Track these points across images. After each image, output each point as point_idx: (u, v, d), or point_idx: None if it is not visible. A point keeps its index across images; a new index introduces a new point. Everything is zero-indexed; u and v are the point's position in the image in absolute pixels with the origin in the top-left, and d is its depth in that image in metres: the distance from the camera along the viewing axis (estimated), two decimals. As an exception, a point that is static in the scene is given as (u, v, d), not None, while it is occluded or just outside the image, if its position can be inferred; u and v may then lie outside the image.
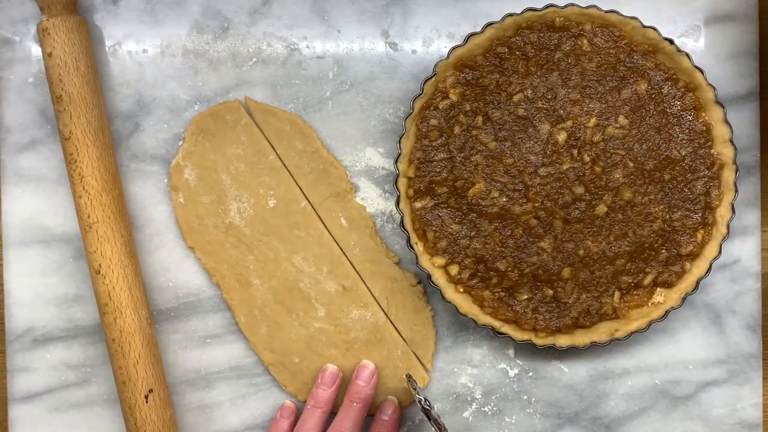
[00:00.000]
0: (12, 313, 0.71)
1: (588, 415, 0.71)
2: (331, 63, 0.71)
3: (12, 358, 0.71)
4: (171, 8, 0.70)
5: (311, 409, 0.68)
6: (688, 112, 0.67)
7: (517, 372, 0.71)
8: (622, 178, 0.67)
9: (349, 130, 0.71)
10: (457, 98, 0.67)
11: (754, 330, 0.71)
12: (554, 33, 0.67)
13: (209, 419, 0.71)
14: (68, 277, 0.71)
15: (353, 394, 0.68)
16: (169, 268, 0.71)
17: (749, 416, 0.71)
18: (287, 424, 0.69)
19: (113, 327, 0.66)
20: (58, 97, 0.66)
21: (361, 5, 0.71)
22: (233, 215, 0.70)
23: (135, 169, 0.71)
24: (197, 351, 0.71)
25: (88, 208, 0.66)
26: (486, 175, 0.67)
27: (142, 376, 0.66)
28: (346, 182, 0.70)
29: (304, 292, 0.70)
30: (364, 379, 0.68)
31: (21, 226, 0.71)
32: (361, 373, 0.69)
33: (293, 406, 0.70)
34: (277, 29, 0.71)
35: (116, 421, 0.71)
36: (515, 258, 0.67)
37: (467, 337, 0.71)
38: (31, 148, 0.71)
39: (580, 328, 0.68)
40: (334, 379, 0.69)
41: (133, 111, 0.71)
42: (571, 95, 0.67)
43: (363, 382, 0.68)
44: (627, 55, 0.67)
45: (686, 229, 0.67)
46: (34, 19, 0.70)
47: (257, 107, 0.70)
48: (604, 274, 0.67)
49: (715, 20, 0.71)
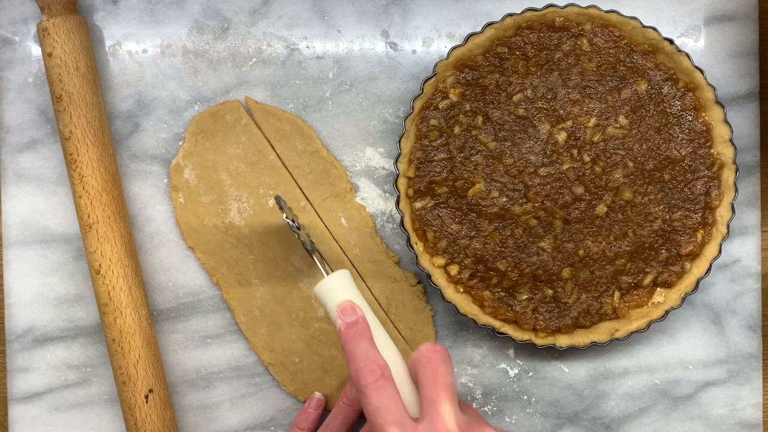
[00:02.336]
0: (12, 313, 0.71)
1: (588, 415, 0.71)
2: (331, 63, 0.71)
3: (12, 358, 0.71)
4: (171, 8, 0.70)
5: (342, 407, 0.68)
6: (688, 112, 0.67)
7: (517, 372, 0.71)
8: (622, 178, 0.67)
9: (349, 130, 0.71)
10: (457, 98, 0.67)
11: (754, 330, 0.71)
12: (554, 33, 0.67)
13: (209, 419, 0.71)
14: (68, 277, 0.71)
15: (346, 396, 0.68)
16: (169, 268, 0.71)
17: (749, 416, 0.71)
18: (315, 415, 0.69)
19: (113, 327, 0.66)
20: (58, 97, 0.66)
21: (361, 5, 0.71)
22: (233, 215, 0.70)
23: (135, 169, 0.71)
24: (197, 351, 0.71)
25: (88, 208, 0.66)
26: (486, 175, 0.67)
27: (142, 376, 0.66)
28: (346, 182, 0.70)
29: (304, 292, 0.70)
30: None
31: (21, 226, 0.71)
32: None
33: (323, 399, 0.70)
34: (277, 29, 0.71)
35: (116, 421, 0.71)
36: (515, 258, 0.67)
37: (467, 337, 0.71)
38: (31, 148, 0.71)
39: (580, 328, 0.68)
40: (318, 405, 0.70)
41: (133, 111, 0.71)
42: (571, 95, 0.67)
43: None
44: (627, 55, 0.67)
45: (686, 229, 0.67)
46: (34, 19, 0.70)
47: (257, 107, 0.70)
48: (604, 274, 0.67)
49: (715, 20, 0.71)
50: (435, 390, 0.53)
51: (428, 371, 0.54)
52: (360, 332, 0.57)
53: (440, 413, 0.52)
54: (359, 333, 0.56)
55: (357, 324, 0.57)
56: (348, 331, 0.57)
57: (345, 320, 0.57)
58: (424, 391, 0.54)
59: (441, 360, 0.55)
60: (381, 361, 0.55)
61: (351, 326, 0.57)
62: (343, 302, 0.58)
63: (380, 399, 0.53)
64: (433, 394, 0.53)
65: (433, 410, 0.53)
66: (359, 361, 0.55)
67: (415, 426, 0.52)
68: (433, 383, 0.54)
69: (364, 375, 0.54)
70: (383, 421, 0.53)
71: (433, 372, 0.54)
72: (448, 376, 0.54)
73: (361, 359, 0.55)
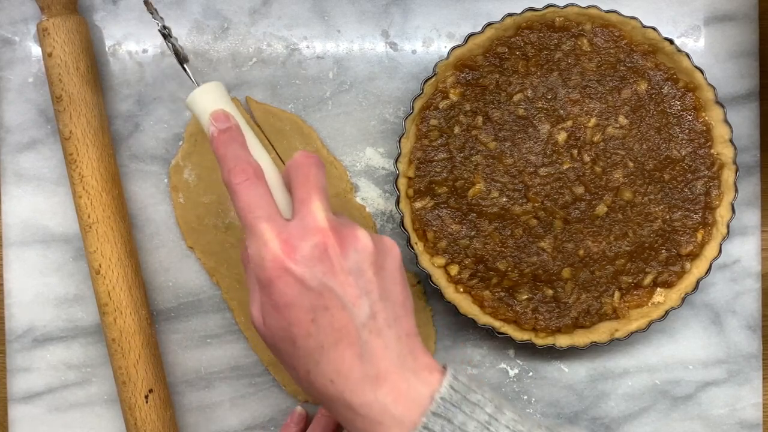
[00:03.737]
0: (12, 313, 0.71)
1: (588, 415, 0.71)
2: (331, 63, 0.71)
3: (12, 358, 0.71)
4: (171, 8, 0.70)
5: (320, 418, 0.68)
6: (688, 112, 0.67)
7: (517, 372, 0.71)
8: (622, 178, 0.67)
9: (349, 130, 0.71)
10: (457, 98, 0.67)
11: (754, 330, 0.71)
12: (554, 33, 0.67)
13: (209, 419, 0.71)
14: (68, 277, 0.71)
15: None
16: (169, 268, 0.71)
17: (749, 416, 0.71)
18: (297, 430, 0.69)
19: (113, 327, 0.66)
20: (58, 97, 0.66)
21: (361, 5, 0.71)
22: (233, 215, 0.70)
23: (135, 169, 0.71)
24: (197, 351, 0.71)
25: (88, 208, 0.66)
26: (486, 175, 0.67)
27: (142, 376, 0.66)
28: (346, 182, 0.70)
29: (304, 292, 0.70)
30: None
31: (21, 226, 0.71)
32: None
33: (304, 413, 0.70)
34: (277, 29, 0.71)
35: (116, 421, 0.71)
36: (515, 258, 0.67)
37: (467, 337, 0.71)
38: (31, 148, 0.71)
39: (580, 328, 0.68)
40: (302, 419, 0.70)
41: (133, 111, 0.71)
42: (571, 95, 0.67)
43: None
44: (627, 55, 0.67)
45: (686, 229, 0.67)
46: (34, 19, 0.70)
47: (257, 107, 0.70)
48: (604, 274, 0.67)
49: (715, 20, 0.71)
50: (306, 190, 0.53)
51: (300, 175, 0.54)
52: (232, 137, 0.55)
53: (311, 209, 0.52)
54: (232, 137, 0.55)
55: (230, 130, 0.56)
56: (221, 136, 0.55)
57: (218, 126, 0.56)
58: (296, 192, 0.53)
59: (314, 164, 0.54)
60: (254, 162, 0.54)
61: (224, 132, 0.55)
62: (215, 110, 0.56)
63: (250, 196, 0.52)
64: (304, 194, 0.53)
65: (304, 208, 0.52)
66: (230, 161, 0.54)
67: (285, 223, 0.52)
68: (304, 184, 0.53)
69: (236, 174, 0.53)
70: (253, 216, 0.52)
71: (305, 175, 0.54)
72: (320, 179, 0.54)
73: (232, 160, 0.54)
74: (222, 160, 0.55)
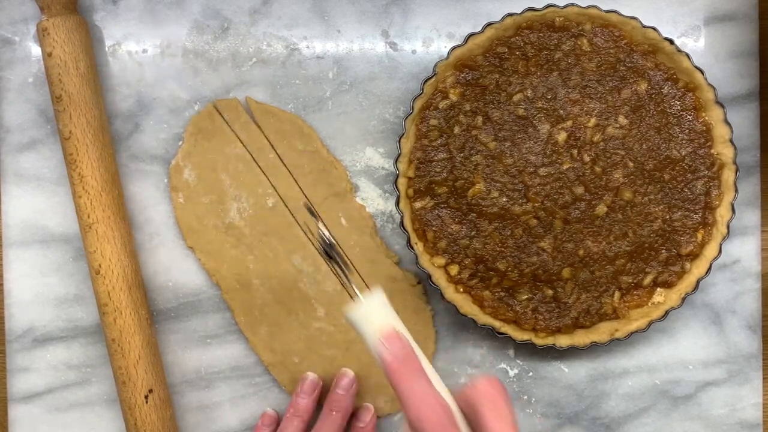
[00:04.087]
0: (12, 313, 0.71)
1: (588, 415, 0.71)
2: (331, 63, 0.71)
3: (12, 358, 0.71)
4: (171, 8, 0.70)
5: (290, 418, 0.68)
6: (688, 112, 0.67)
7: (517, 372, 0.71)
8: (622, 178, 0.67)
9: (349, 130, 0.71)
10: (457, 98, 0.67)
11: (754, 330, 0.71)
12: (554, 33, 0.67)
13: (209, 419, 0.71)
14: (68, 277, 0.71)
15: (332, 403, 0.67)
16: (169, 268, 0.71)
17: (749, 416, 0.71)
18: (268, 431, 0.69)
19: (113, 327, 0.66)
20: (58, 97, 0.66)
21: (361, 5, 0.71)
22: (233, 215, 0.70)
23: (135, 169, 0.71)
24: (197, 351, 0.71)
25: (88, 208, 0.66)
26: (486, 175, 0.67)
27: (142, 376, 0.66)
28: (346, 182, 0.70)
29: (304, 292, 0.70)
30: (344, 388, 0.68)
31: (21, 226, 0.71)
32: (341, 381, 0.68)
33: (274, 414, 0.70)
34: (277, 29, 0.71)
35: (116, 421, 0.71)
36: (515, 258, 0.67)
37: (467, 337, 0.71)
38: (31, 148, 0.71)
39: (580, 328, 0.68)
40: (313, 388, 0.68)
41: (133, 111, 0.71)
42: (571, 95, 0.67)
43: (342, 391, 0.68)
44: (627, 55, 0.67)
45: (686, 229, 0.67)
46: (34, 19, 0.70)
47: (257, 107, 0.70)
48: (604, 274, 0.67)
49: (715, 20, 0.71)
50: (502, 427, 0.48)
51: (495, 409, 0.49)
52: (414, 368, 0.50)
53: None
54: (413, 369, 0.50)
55: (409, 358, 0.50)
56: (400, 367, 0.50)
57: (391, 350, 0.50)
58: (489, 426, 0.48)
59: (505, 398, 0.50)
60: (443, 402, 0.49)
61: (402, 361, 0.50)
62: (387, 330, 0.51)
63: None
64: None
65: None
66: (420, 403, 0.49)
67: None
68: (499, 419, 0.48)
69: (428, 418, 0.48)
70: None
71: (499, 411, 0.49)
72: (513, 414, 0.50)
73: (419, 398, 0.49)
74: (404, 395, 0.49)
